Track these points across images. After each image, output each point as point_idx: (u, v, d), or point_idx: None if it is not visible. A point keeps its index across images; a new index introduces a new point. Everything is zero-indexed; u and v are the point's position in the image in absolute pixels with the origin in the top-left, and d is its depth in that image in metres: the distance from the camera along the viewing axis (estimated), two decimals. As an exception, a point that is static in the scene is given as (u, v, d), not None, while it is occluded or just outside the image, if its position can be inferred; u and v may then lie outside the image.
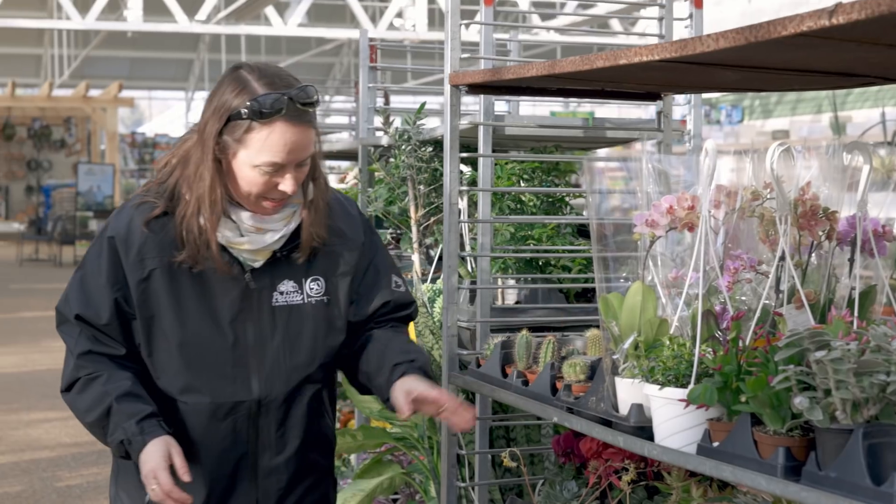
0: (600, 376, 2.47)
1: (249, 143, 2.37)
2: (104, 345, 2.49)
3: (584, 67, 2.44)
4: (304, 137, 2.39)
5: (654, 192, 2.51)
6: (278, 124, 2.35)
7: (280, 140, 2.36)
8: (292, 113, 2.36)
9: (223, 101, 2.39)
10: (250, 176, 2.40)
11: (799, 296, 2.32)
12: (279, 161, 2.38)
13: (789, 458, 1.98)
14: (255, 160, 2.38)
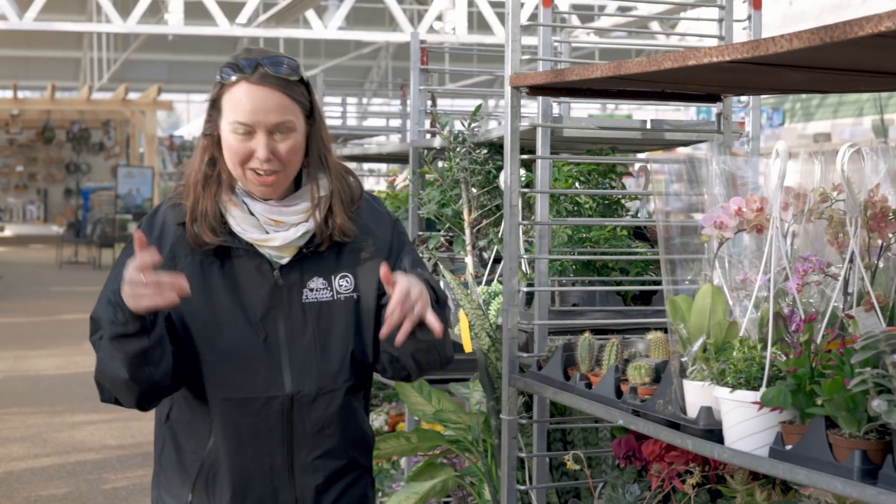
0: (668, 379, 2.46)
1: (223, 106, 2.46)
2: None
3: (652, 68, 2.43)
4: (268, 99, 2.43)
5: (721, 194, 2.51)
6: (242, 84, 2.43)
7: (244, 98, 2.42)
8: (257, 75, 2.43)
9: (216, 77, 2.50)
10: (228, 140, 2.45)
11: (868, 298, 2.31)
12: (244, 121, 2.42)
13: (865, 461, 1.96)
14: (227, 119, 2.45)
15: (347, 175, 2.60)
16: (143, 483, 6.71)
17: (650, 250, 3.52)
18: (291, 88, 2.47)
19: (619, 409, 2.59)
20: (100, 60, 26.11)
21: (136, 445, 7.66)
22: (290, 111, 2.46)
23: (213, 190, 2.49)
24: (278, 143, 2.45)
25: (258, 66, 2.43)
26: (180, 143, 30.78)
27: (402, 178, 5.49)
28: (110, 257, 21.70)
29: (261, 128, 2.43)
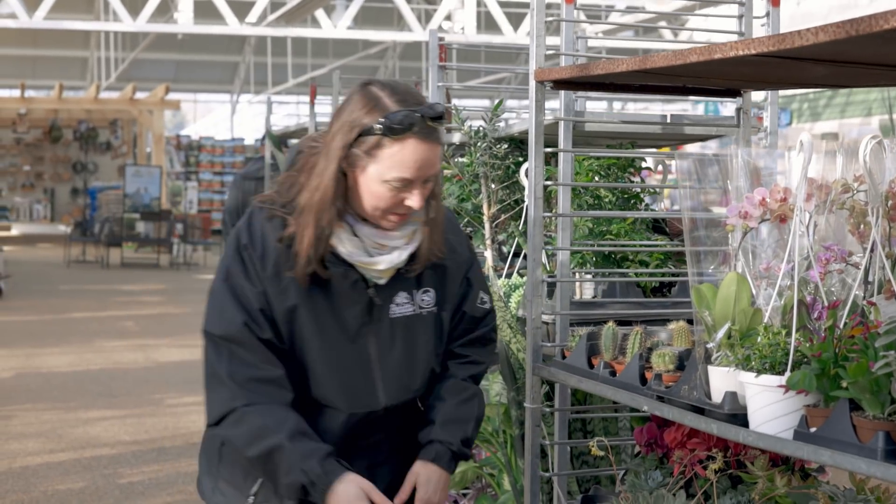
0: (692, 365, 2.52)
1: (380, 159, 2.42)
2: (259, 368, 2.50)
3: (677, 62, 2.49)
4: (432, 154, 2.45)
5: (744, 187, 2.56)
6: (409, 141, 2.41)
7: (411, 156, 2.42)
8: (423, 130, 2.42)
9: (354, 117, 2.43)
10: (379, 191, 2.44)
11: (889, 286, 2.36)
12: (408, 177, 2.43)
13: (889, 442, 2.02)
14: (385, 175, 2.43)
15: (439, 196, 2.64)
16: (158, 478, 6.78)
17: (670, 243, 3.58)
18: (442, 135, 2.50)
19: (644, 396, 2.65)
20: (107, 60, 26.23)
21: (151, 441, 7.72)
22: (439, 158, 2.50)
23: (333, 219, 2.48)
24: (425, 189, 2.48)
25: (424, 120, 2.42)
26: (187, 142, 30.87)
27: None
28: (118, 256, 21.82)
29: (419, 180, 2.45)
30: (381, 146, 2.42)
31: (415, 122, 2.40)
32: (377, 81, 2.51)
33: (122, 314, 14.53)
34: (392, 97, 2.44)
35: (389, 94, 2.45)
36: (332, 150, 2.46)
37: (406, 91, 2.48)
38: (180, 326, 13.58)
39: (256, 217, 2.55)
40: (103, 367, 10.66)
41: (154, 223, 22.09)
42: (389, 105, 2.43)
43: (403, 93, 2.46)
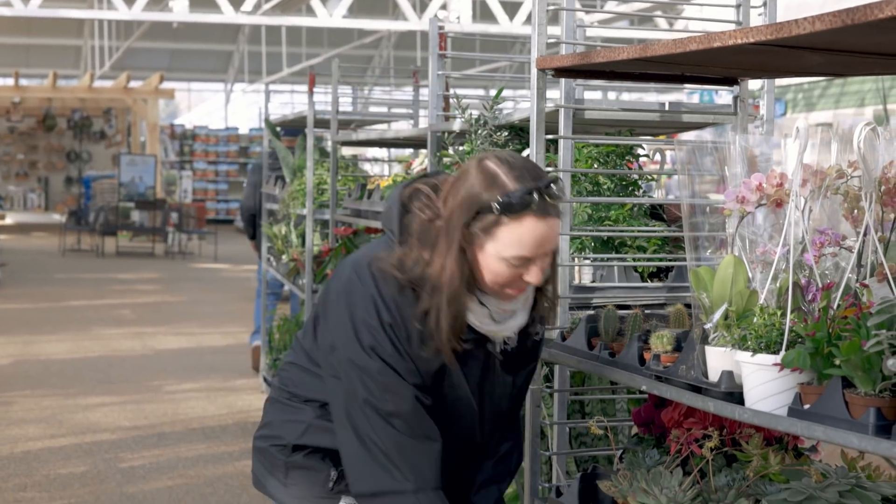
0: (690, 346, 2.59)
1: (498, 237, 2.43)
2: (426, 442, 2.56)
3: (677, 50, 2.56)
4: (551, 230, 2.46)
5: (742, 172, 2.64)
6: (528, 219, 2.41)
7: (530, 235, 2.42)
8: (542, 207, 2.42)
9: (472, 194, 2.43)
10: (497, 267, 2.46)
11: (881, 269, 2.44)
12: (527, 255, 2.44)
13: (880, 417, 2.10)
14: (503, 253, 2.44)
15: None
16: (159, 462, 6.85)
17: (667, 229, 3.65)
18: (560, 209, 2.51)
19: (643, 376, 2.73)
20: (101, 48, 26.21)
21: (150, 426, 7.79)
22: (558, 232, 2.52)
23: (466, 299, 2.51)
24: (545, 263, 2.50)
25: (542, 197, 2.42)
26: (181, 131, 30.89)
27: (419, 161, 5.61)
28: (113, 245, 21.85)
29: (538, 257, 2.47)
30: (500, 224, 2.42)
31: (532, 200, 2.41)
32: (494, 156, 2.50)
33: (118, 302, 14.58)
34: (509, 174, 2.44)
35: (507, 171, 2.44)
36: (452, 228, 2.46)
37: (523, 166, 2.47)
38: (176, 315, 13.63)
39: (384, 287, 2.53)
40: (101, 354, 10.72)
41: (149, 212, 22.11)
42: (507, 182, 2.42)
43: (520, 168, 2.46)
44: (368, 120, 8.25)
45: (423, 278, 2.49)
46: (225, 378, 9.60)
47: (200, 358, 10.65)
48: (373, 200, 5.70)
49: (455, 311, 2.48)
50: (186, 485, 6.39)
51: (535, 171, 2.48)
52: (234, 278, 17.97)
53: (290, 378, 2.80)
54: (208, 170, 30.40)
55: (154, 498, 6.12)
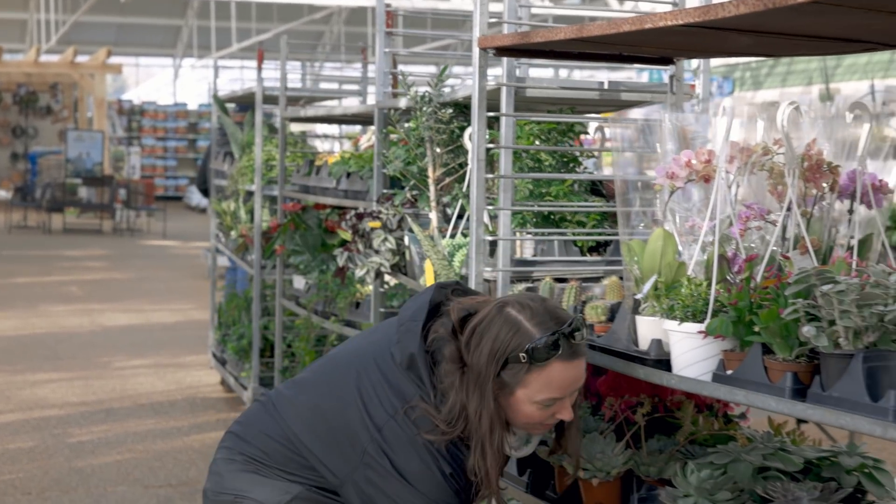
0: (622, 316, 2.71)
1: (528, 384, 2.52)
2: None
3: (611, 31, 2.66)
4: (578, 371, 2.56)
5: (672, 150, 2.75)
6: (555, 365, 2.51)
7: (558, 378, 2.52)
8: (567, 351, 2.51)
9: (498, 346, 2.51)
10: (529, 410, 2.56)
11: (804, 242, 2.56)
12: (557, 396, 2.55)
13: (796, 381, 2.22)
14: (534, 397, 2.53)
15: None
16: (108, 437, 6.90)
17: (605, 204, 3.76)
18: (586, 348, 2.59)
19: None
20: (47, 22, 25.93)
21: (98, 402, 7.83)
22: (585, 368, 2.60)
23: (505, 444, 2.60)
24: (573, 398, 2.60)
25: (567, 341, 2.51)
26: (129, 107, 30.66)
27: (367, 138, 5.68)
28: (60, 222, 21.71)
29: (568, 396, 2.57)
30: (529, 373, 2.51)
31: (558, 347, 2.50)
32: (515, 302, 2.58)
33: (65, 279, 14.53)
34: (532, 321, 2.52)
35: (529, 318, 2.53)
36: (483, 380, 2.53)
37: (544, 311, 2.55)
38: (125, 291, 13.62)
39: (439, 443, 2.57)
40: (49, 330, 10.71)
41: (96, 189, 21.98)
42: (531, 330, 2.51)
43: (542, 314, 2.54)
44: (318, 96, 8.30)
45: (466, 431, 2.57)
46: (174, 354, 9.65)
47: (149, 334, 10.67)
48: (321, 176, 5.77)
49: (500, 458, 2.59)
50: (135, 459, 6.45)
51: (557, 315, 2.56)
52: (183, 255, 17.94)
53: (266, 453, 2.75)
54: (157, 146, 30.23)
55: (103, 472, 6.18)
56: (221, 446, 2.85)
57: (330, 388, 2.70)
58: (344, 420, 2.63)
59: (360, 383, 2.64)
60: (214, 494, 2.81)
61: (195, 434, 7.02)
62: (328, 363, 2.81)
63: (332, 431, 2.65)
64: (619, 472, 2.82)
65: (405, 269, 4.43)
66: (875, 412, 2.03)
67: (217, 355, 8.27)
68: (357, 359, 2.71)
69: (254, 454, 2.76)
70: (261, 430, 2.78)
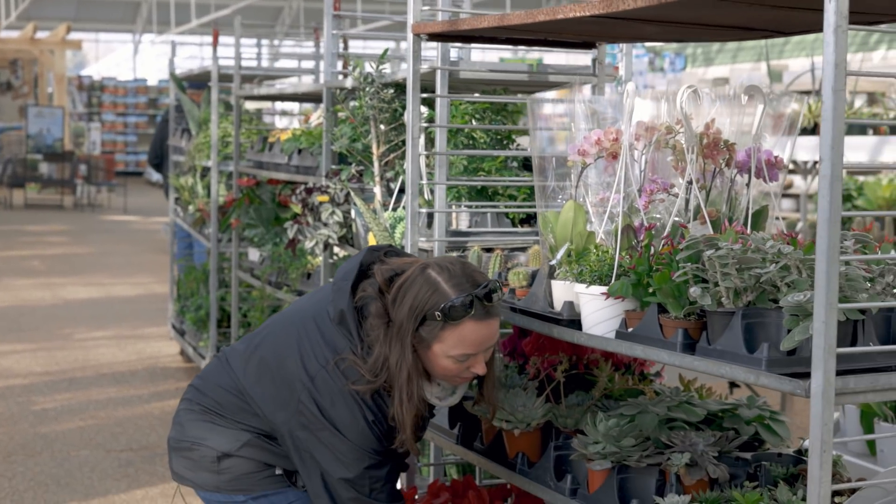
0: (539, 281, 2.96)
1: (444, 339, 2.75)
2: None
3: (529, 20, 2.91)
4: (490, 330, 2.79)
5: (587, 129, 3.00)
6: (468, 323, 2.74)
7: (471, 337, 2.75)
8: (479, 312, 2.74)
9: (417, 304, 2.75)
10: (445, 363, 2.79)
11: (703, 213, 2.82)
12: (470, 352, 2.78)
13: (686, 336, 2.48)
14: (448, 352, 2.76)
15: None
16: (71, 405, 7.11)
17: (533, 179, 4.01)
18: (499, 308, 2.82)
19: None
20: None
21: (62, 372, 8.03)
22: (498, 328, 2.83)
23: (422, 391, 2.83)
24: (487, 354, 2.84)
25: (480, 302, 2.73)
26: (89, 83, 30.62)
27: (317, 115, 5.91)
28: (21, 197, 21.77)
29: (482, 352, 2.80)
30: (444, 329, 2.74)
31: (471, 307, 2.73)
32: (436, 264, 2.81)
33: (27, 254, 14.67)
34: (449, 282, 2.75)
35: (447, 280, 2.75)
36: (403, 333, 2.76)
37: (461, 273, 2.78)
38: (86, 266, 13.78)
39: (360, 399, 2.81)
40: (11, 303, 10.88)
41: (57, 164, 22.05)
42: (448, 291, 2.74)
43: (459, 276, 2.77)
44: (272, 75, 8.51)
45: (387, 383, 2.81)
46: (134, 326, 9.85)
47: (110, 307, 10.86)
48: (273, 153, 5.99)
49: (415, 403, 2.82)
50: (97, 425, 6.67)
51: (473, 279, 2.79)
52: (143, 230, 18.09)
53: (220, 404, 3.00)
54: (117, 122, 30.23)
55: (66, 437, 6.40)
56: (183, 398, 3.12)
57: (275, 343, 2.95)
58: (284, 372, 2.88)
59: (299, 338, 2.89)
60: (176, 442, 3.07)
61: (155, 402, 7.24)
62: (276, 321, 3.08)
63: (274, 382, 2.90)
64: (539, 424, 3.08)
65: (352, 241, 4.67)
66: (750, 362, 2.29)
67: (176, 326, 8.49)
68: (299, 316, 2.97)
69: (210, 405, 3.02)
70: (216, 383, 3.04)
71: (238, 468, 2.99)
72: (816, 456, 2.11)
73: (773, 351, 2.26)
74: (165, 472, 5.80)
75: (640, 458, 2.74)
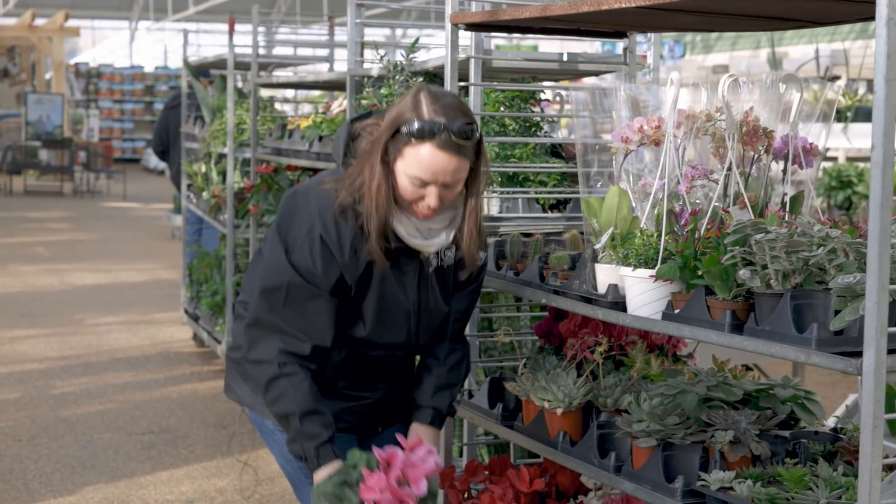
0: (582, 264, 3.04)
1: (405, 156, 2.83)
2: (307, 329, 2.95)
3: (572, 11, 2.98)
4: (449, 164, 2.83)
5: (626, 116, 3.08)
6: (428, 147, 2.81)
7: (427, 160, 2.81)
8: (442, 140, 2.80)
9: (396, 116, 2.84)
10: (403, 183, 2.86)
11: (742, 198, 2.91)
12: (424, 178, 2.83)
13: (734, 318, 2.57)
14: (407, 171, 2.84)
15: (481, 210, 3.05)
16: (89, 389, 7.19)
17: (565, 165, 4.10)
18: (467, 151, 2.87)
19: (543, 290, 3.17)
20: (4, -15, 25.83)
21: (76, 357, 8.11)
22: (461, 170, 2.87)
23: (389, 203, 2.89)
24: (445, 192, 2.88)
25: (445, 133, 2.80)
26: (86, 69, 30.60)
27: (338, 103, 5.98)
28: (21, 184, 21.80)
29: (435, 184, 2.85)
30: (407, 145, 2.82)
31: (437, 132, 2.79)
32: (430, 89, 2.90)
33: (31, 240, 14.72)
34: (432, 106, 2.83)
35: (431, 103, 2.84)
36: (377, 142, 2.87)
37: (447, 104, 2.86)
38: (90, 252, 13.84)
39: (326, 205, 2.92)
40: (21, 289, 10.94)
41: (56, 151, 22.07)
42: (425, 112, 2.82)
43: (444, 105, 2.84)
44: (287, 62, 8.57)
45: (360, 191, 2.90)
46: (144, 312, 9.92)
47: (118, 293, 10.93)
48: (293, 140, 6.06)
49: (382, 215, 2.88)
50: (117, 409, 6.75)
51: (454, 111, 2.85)
52: (144, 216, 18.15)
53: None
54: (114, 108, 30.24)
55: (87, 420, 6.48)
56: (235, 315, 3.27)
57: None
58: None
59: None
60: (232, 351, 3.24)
61: (171, 386, 7.33)
62: None
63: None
64: (580, 403, 3.17)
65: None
66: (800, 342, 2.38)
67: (189, 311, 8.56)
68: None
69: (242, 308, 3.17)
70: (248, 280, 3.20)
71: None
72: (868, 432, 2.20)
73: (822, 331, 2.35)
74: (189, 455, 5.89)
75: (684, 436, 2.82)
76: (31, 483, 5.40)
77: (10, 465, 5.64)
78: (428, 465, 3.00)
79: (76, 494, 5.28)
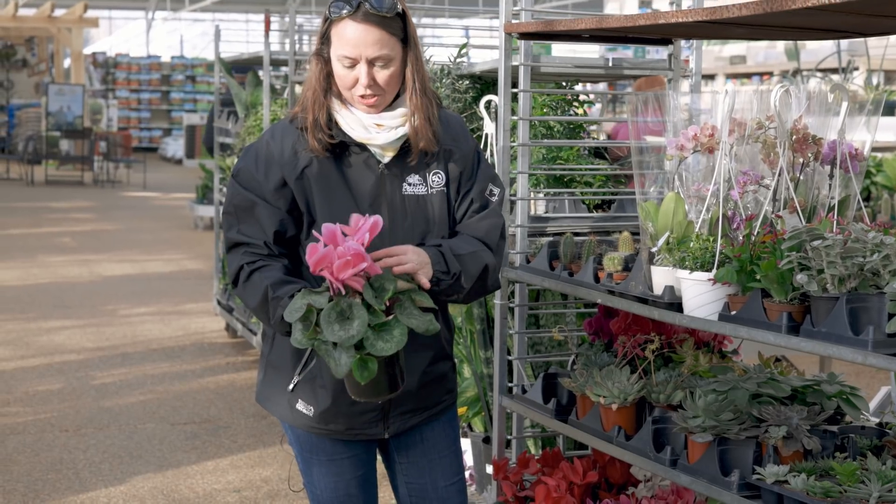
0: (638, 266, 3.17)
1: (332, 39, 2.88)
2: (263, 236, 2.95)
3: (629, 24, 3.11)
4: (368, 35, 2.83)
5: (680, 123, 3.21)
6: (347, 21, 2.84)
7: (348, 35, 2.83)
8: (357, 13, 2.82)
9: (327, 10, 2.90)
10: (337, 69, 2.88)
11: (792, 203, 3.04)
12: (350, 55, 2.84)
13: (791, 319, 2.70)
14: (336, 52, 2.87)
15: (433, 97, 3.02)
16: (128, 379, 7.34)
17: (610, 167, 4.23)
18: (389, 24, 2.85)
19: (599, 291, 3.31)
20: (23, -24, 25.99)
21: (113, 347, 8.26)
22: (387, 45, 2.88)
23: (328, 100, 2.93)
24: (378, 72, 2.89)
25: (361, 5, 2.82)
26: (104, 59, 30.77)
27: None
28: (42, 174, 21.98)
29: (362, 60, 2.88)
30: (331, 28, 2.88)
31: (353, 5, 2.82)
32: None
33: (57, 230, 14.88)
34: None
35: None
36: (317, 43, 2.94)
37: None
38: (115, 242, 14.00)
39: (278, 123, 3.03)
40: (51, 280, 11.10)
41: (76, 141, 22.24)
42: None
43: None
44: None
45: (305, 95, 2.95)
46: (175, 303, 10.08)
47: (148, 283, 11.09)
48: (333, 137, 6.18)
49: (319, 101, 2.92)
50: (157, 399, 6.91)
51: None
52: (166, 206, 18.30)
53: None
54: (131, 98, 30.43)
55: (130, 410, 6.63)
56: None
57: None
58: None
59: None
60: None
61: (209, 377, 7.48)
62: None
63: None
64: (634, 399, 3.30)
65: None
66: (856, 344, 2.51)
67: (222, 303, 8.70)
68: None
69: None
70: None
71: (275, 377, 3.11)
72: (924, 429, 2.33)
73: (877, 333, 2.48)
74: (232, 444, 6.04)
75: (738, 431, 2.96)
76: (82, 472, 5.55)
77: (60, 455, 5.80)
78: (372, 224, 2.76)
79: (126, 484, 5.42)
